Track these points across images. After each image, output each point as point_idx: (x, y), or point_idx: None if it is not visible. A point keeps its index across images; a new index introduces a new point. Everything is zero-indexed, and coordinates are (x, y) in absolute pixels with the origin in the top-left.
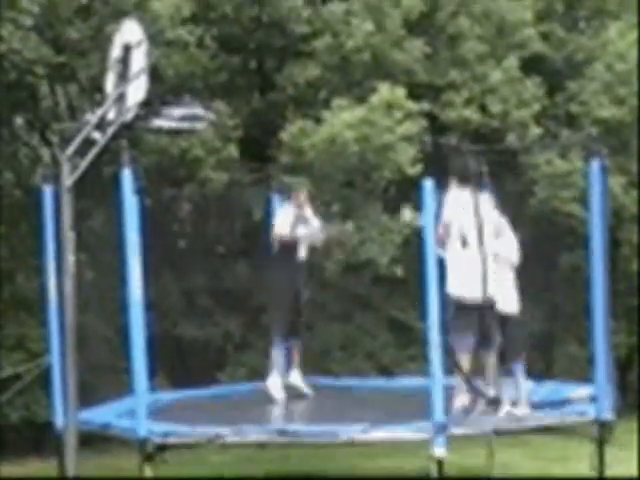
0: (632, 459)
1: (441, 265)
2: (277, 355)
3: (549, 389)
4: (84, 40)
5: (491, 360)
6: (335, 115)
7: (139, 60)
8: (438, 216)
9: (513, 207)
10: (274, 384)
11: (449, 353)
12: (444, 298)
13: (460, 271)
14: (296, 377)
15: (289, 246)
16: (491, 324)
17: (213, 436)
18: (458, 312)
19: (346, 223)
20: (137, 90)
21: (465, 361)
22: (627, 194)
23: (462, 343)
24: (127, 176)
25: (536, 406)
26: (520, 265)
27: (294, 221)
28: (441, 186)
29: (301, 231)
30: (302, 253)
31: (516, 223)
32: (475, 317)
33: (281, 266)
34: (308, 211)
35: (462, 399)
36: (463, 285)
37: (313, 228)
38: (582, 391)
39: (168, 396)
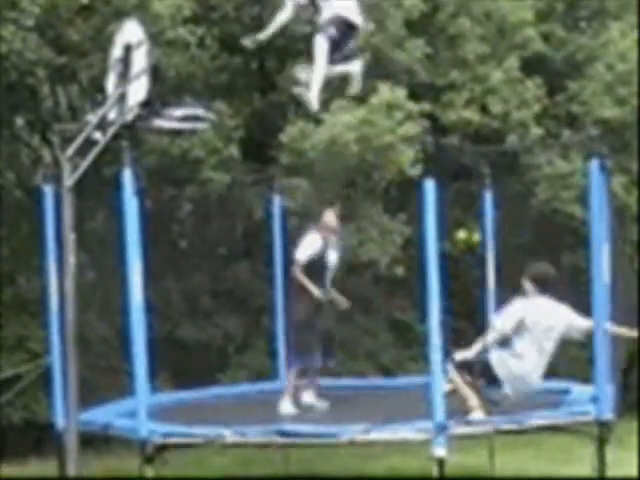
0: (632, 459)
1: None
2: (291, 380)
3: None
4: (85, 40)
5: None
6: (335, 116)
7: (140, 60)
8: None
9: (514, 207)
10: (285, 407)
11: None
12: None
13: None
14: (308, 397)
15: (313, 274)
16: None
17: (214, 436)
18: None
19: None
20: (138, 90)
21: None
22: (628, 193)
23: None
24: (128, 176)
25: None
26: (522, 265)
27: (322, 246)
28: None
29: (331, 256)
30: (327, 281)
31: (517, 223)
32: None
33: (306, 297)
34: (334, 239)
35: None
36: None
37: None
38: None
39: (169, 397)
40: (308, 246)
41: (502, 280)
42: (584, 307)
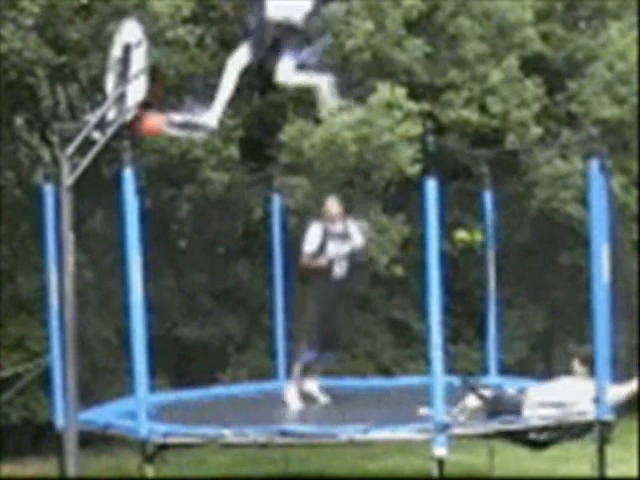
0: (632, 459)
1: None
2: (298, 367)
3: None
4: (84, 40)
5: None
6: (334, 115)
7: (139, 60)
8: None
9: (514, 207)
10: (290, 392)
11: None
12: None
13: None
14: (312, 386)
15: (320, 268)
16: None
17: (214, 436)
18: None
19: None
20: (137, 90)
21: None
22: (628, 193)
23: None
24: (128, 176)
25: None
26: (521, 264)
27: (323, 239)
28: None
29: (332, 250)
30: (337, 270)
31: (517, 223)
32: None
33: (314, 285)
34: (340, 225)
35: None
36: None
37: (352, 243)
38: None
39: (169, 396)
40: (312, 238)
41: (502, 280)
42: (583, 306)
